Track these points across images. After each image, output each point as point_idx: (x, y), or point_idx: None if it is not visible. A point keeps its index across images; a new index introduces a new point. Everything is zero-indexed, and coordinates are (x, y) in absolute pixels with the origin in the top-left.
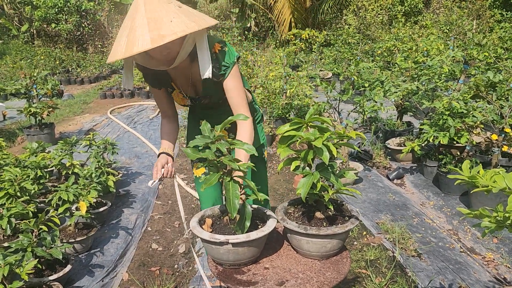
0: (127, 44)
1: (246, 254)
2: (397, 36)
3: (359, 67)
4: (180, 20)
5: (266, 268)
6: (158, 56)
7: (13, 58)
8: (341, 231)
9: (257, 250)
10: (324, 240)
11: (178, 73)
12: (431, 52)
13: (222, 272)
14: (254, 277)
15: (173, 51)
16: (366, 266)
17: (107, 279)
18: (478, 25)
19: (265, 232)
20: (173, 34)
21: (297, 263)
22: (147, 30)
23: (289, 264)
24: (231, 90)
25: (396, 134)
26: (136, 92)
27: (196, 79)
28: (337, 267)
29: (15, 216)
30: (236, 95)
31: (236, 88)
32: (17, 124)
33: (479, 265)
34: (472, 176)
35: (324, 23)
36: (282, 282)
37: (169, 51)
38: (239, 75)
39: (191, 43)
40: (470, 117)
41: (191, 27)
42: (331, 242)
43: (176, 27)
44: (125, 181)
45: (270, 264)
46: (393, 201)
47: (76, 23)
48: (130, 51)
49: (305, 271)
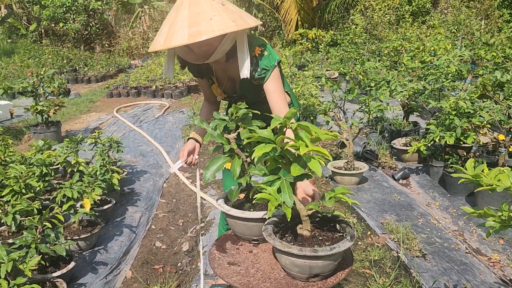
0: (166, 36)
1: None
2: (404, 36)
3: (365, 66)
4: (221, 18)
5: (250, 252)
6: (196, 50)
7: (21, 57)
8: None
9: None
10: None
11: (218, 68)
12: (438, 52)
13: (226, 235)
14: (231, 250)
15: (212, 47)
16: (370, 266)
17: (111, 276)
18: (486, 25)
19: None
20: (210, 32)
21: (273, 264)
22: (187, 25)
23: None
24: (271, 93)
25: (402, 134)
26: (142, 91)
27: (234, 77)
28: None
29: (20, 213)
30: (276, 98)
31: (275, 91)
32: (24, 122)
33: (484, 266)
34: (476, 175)
35: (331, 23)
36: (233, 263)
37: (208, 47)
38: (279, 78)
39: (231, 41)
40: (477, 117)
41: (229, 27)
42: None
43: (215, 26)
44: (130, 179)
45: (258, 252)
46: (398, 201)
47: (84, 23)
48: (168, 43)
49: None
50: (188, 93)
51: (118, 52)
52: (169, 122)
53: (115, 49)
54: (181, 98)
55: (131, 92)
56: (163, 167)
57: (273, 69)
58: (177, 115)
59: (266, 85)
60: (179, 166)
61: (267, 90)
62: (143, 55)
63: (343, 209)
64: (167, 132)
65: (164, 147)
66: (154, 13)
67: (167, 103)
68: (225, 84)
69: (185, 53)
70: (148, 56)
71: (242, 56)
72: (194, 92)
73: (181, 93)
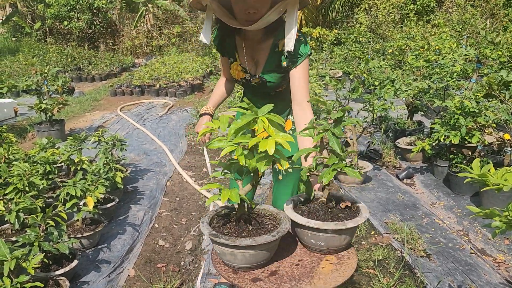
0: None
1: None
2: (409, 35)
3: (369, 65)
4: None
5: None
6: (242, 12)
7: (25, 56)
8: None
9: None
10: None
11: (248, 45)
12: (443, 51)
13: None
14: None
15: (259, 13)
16: (374, 266)
17: (114, 274)
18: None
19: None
20: None
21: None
22: None
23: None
24: (297, 79)
25: (406, 133)
26: (146, 89)
27: (260, 58)
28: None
29: (24, 211)
30: (301, 85)
31: (303, 78)
32: (28, 121)
33: (489, 267)
34: (483, 174)
35: (335, 22)
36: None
37: (255, 10)
38: (308, 68)
39: (278, 13)
40: (482, 117)
41: None
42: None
43: None
44: (133, 178)
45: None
46: (402, 201)
47: (88, 21)
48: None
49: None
50: (191, 91)
51: (122, 50)
52: (172, 120)
53: (119, 47)
54: (185, 96)
55: (135, 91)
56: (167, 166)
57: (305, 57)
58: (181, 114)
59: (295, 71)
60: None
61: (293, 76)
62: (147, 54)
63: None
64: (171, 130)
65: (168, 145)
66: (158, 12)
67: (171, 102)
68: (249, 64)
69: (225, 16)
70: (152, 55)
71: (290, 27)
72: (198, 91)
73: (185, 92)
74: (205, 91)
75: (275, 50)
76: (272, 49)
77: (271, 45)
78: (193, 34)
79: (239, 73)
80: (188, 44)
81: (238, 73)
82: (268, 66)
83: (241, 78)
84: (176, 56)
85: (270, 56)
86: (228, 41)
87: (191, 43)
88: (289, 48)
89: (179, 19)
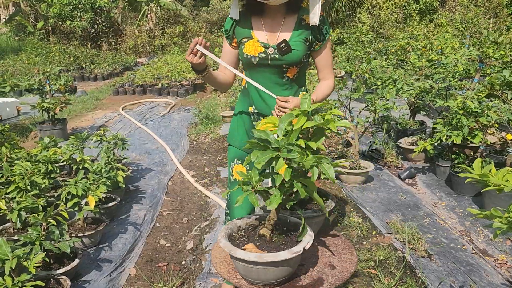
0: None
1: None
2: (411, 34)
3: (371, 65)
4: None
5: None
6: None
7: (28, 55)
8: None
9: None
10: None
11: (266, 21)
12: (446, 51)
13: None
14: None
15: None
16: (375, 266)
17: (115, 274)
18: (494, 23)
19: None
20: None
21: None
22: None
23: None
24: (323, 55)
25: (408, 133)
26: (148, 89)
27: (286, 29)
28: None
29: (26, 210)
30: (326, 59)
31: (327, 54)
32: (31, 120)
33: (491, 267)
34: (484, 175)
35: (337, 21)
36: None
37: None
38: (331, 48)
39: None
40: (484, 117)
41: None
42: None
43: None
44: (135, 177)
45: None
46: (404, 201)
47: (91, 20)
48: None
49: None
50: (193, 91)
51: (125, 50)
52: (174, 120)
53: (121, 47)
54: (187, 96)
55: (137, 90)
56: (168, 165)
57: (328, 37)
58: (183, 113)
59: (321, 50)
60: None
61: (319, 55)
62: (149, 53)
63: (348, 208)
64: (173, 130)
65: (170, 145)
66: (161, 11)
67: (173, 101)
68: (270, 38)
69: None
70: (154, 54)
71: (314, 2)
72: (200, 90)
73: (187, 91)
74: (207, 91)
75: (301, 23)
76: (298, 22)
77: (297, 19)
78: (195, 34)
79: (257, 48)
80: (190, 43)
81: (255, 48)
82: (294, 36)
83: (259, 53)
84: (178, 56)
85: (297, 27)
86: (244, 23)
87: None
88: (314, 23)
89: (182, 19)
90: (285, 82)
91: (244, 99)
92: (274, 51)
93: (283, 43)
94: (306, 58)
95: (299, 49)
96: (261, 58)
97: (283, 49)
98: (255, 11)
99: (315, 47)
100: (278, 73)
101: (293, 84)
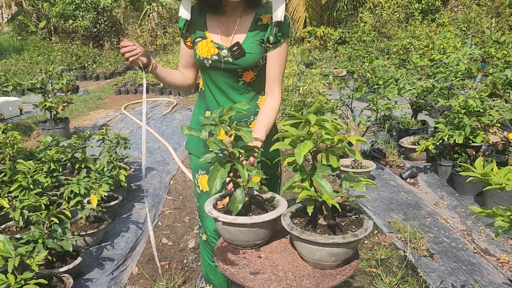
0: None
1: (239, 236)
2: (414, 34)
3: (373, 64)
4: None
5: (259, 257)
6: None
7: (30, 54)
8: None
9: (252, 235)
10: (312, 247)
11: (222, 20)
12: (448, 50)
13: (219, 247)
14: (240, 260)
15: None
16: (377, 265)
17: (117, 272)
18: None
19: (255, 220)
20: None
21: (292, 262)
22: None
23: (283, 259)
24: (274, 61)
25: (410, 133)
26: (150, 88)
27: (241, 29)
28: (323, 280)
29: (28, 209)
30: (277, 68)
31: (280, 61)
32: (33, 119)
33: (493, 267)
34: (485, 174)
35: (339, 21)
36: (257, 272)
37: None
38: (287, 51)
39: None
40: (486, 116)
41: None
42: (319, 251)
43: None
44: (137, 176)
45: (266, 255)
46: (405, 200)
47: (93, 20)
48: None
49: (290, 270)
50: (196, 90)
51: None
52: (176, 119)
53: None
54: (189, 95)
55: (139, 89)
56: (170, 164)
57: (285, 38)
58: (185, 113)
59: (274, 52)
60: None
61: (271, 57)
62: (151, 53)
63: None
64: (174, 129)
65: (171, 144)
66: (163, 11)
67: (175, 101)
68: (224, 39)
69: None
70: (156, 54)
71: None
72: None
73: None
74: None
75: (257, 23)
76: (254, 22)
77: (253, 19)
78: None
79: (210, 49)
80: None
81: (208, 49)
82: (249, 38)
83: (212, 55)
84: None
85: (252, 28)
86: (198, 21)
87: None
88: (279, 18)
89: None
90: (241, 86)
91: (201, 103)
92: (228, 53)
93: (235, 46)
94: (264, 60)
95: (254, 52)
96: (214, 61)
97: (236, 52)
98: (210, 8)
99: (266, 49)
100: (233, 76)
101: (250, 89)
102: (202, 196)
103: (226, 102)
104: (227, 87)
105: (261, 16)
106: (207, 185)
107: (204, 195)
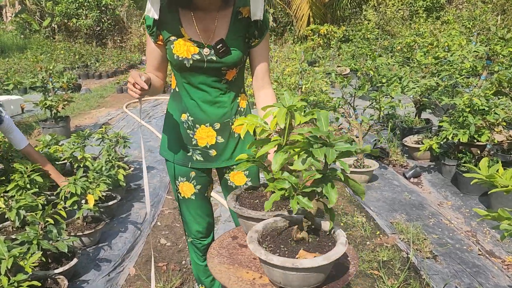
0: None
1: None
2: (418, 31)
3: (376, 62)
4: None
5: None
6: None
7: (33, 53)
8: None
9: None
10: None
11: (198, 15)
12: (453, 48)
13: None
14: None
15: None
16: (379, 267)
17: (114, 273)
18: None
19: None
20: None
21: None
22: None
23: None
24: (262, 55)
25: (414, 132)
26: None
27: (221, 26)
28: None
29: (25, 208)
30: (265, 61)
31: (266, 54)
32: (34, 117)
33: (498, 269)
34: (491, 175)
35: (343, 19)
36: None
37: None
38: (269, 46)
39: None
40: (491, 115)
41: None
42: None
43: None
44: (136, 175)
45: None
46: (409, 200)
47: (96, 19)
48: None
49: None
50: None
51: (130, 48)
52: None
53: (126, 44)
54: None
55: None
56: None
57: (267, 32)
58: None
59: (261, 45)
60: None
61: (256, 52)
62: None
63: (351, 208)
64: None
65: None
66: None
67: None
68: (203, 36)
69: None
70: None
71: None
72: None
73: None
74: None
75: (238, 17)
76: (234, 16)
77: (232, 13)
78: None
79: (189, 49)
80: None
81: (187, 49)
82: (231, 33)
83: (192, 55)
84: None
85: (233, 23)
86: (170, 17)
87: None
88: (258, 17)
89: None
90: (223, 85)
91: (175, 105)
92: (210, 51)
93: (220, 43)
94: (246, 56)
95: (239, 49)
96: (196, 60)
97: (221, 50)
98: (180, 2)
99: (251, 44)
100: (216, 76)
101: (232, 87)
102: (184, 202)
103: (207, 103)
104: (207, 87)
105: (240, 8)
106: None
107: (186, 202)
